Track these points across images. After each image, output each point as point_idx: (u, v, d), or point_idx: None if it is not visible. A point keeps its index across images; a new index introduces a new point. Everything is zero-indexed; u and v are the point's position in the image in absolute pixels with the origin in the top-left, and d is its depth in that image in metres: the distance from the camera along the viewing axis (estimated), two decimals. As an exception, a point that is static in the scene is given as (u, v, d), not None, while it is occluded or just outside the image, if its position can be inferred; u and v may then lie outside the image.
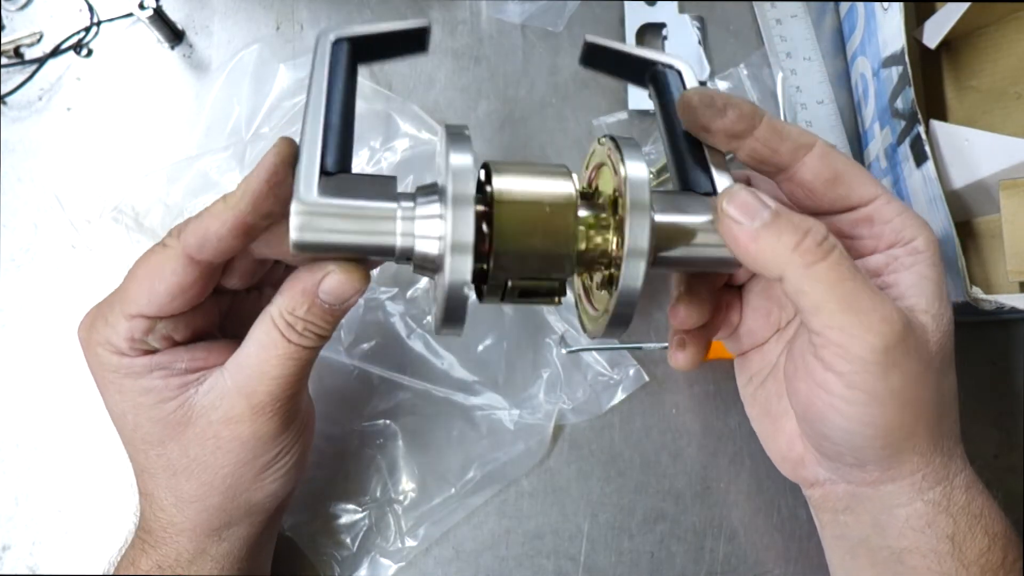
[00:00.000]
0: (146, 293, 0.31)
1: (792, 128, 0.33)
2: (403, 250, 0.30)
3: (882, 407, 0.29)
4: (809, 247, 0.28)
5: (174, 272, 0.31)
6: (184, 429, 0.33)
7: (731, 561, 0.44)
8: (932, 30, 0.46)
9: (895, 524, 0.32)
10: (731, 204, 0.30)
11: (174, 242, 0.31)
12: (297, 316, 0.31)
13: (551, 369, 0.46)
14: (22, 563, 0.44)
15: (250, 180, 0.30)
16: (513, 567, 0.44)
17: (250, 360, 0.32)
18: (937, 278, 0.32)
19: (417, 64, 0.51)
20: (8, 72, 0.50)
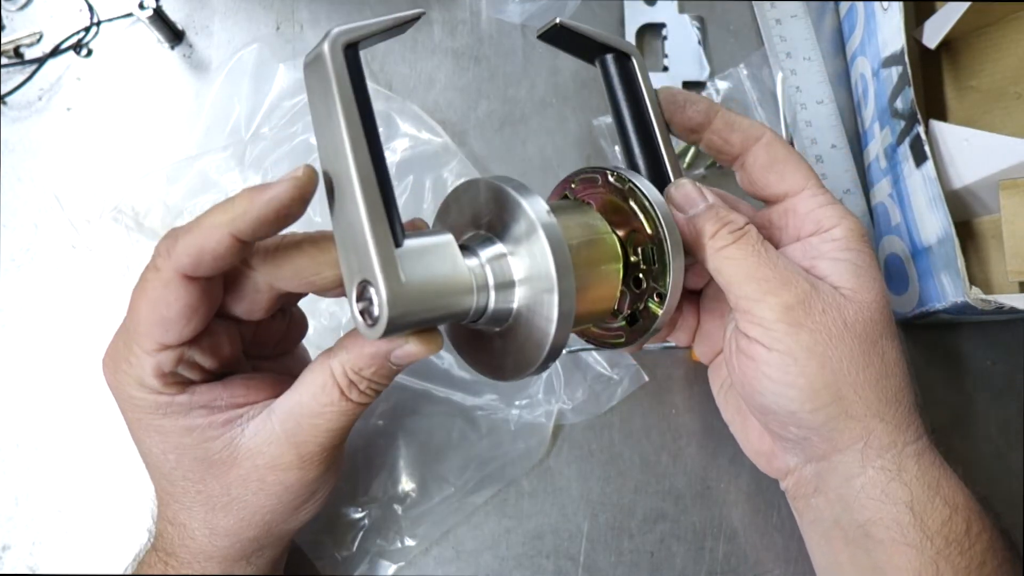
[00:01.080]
0: (158, 324, 0.30)
1: (744, 120, 0.37)
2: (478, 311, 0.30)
3: (798, 363, 0.32)
4: (723, 233, 0.33)
5: (178, 297, 0.29)
6: (228, 469, 0.32)
7: (731, 561, 0.44)
8: (932, 30, 0.46)
9: (854, 495, 0.34)
10: (676, 193, 0.35)
11: (165, 263, 0.29)
12: (362, 376, 0.31)
13: (551, 369, 0.46)
14: (22, 563, 0.44)
15: (256, 201, 0.28)
16: (513, 567, 0.44)
17: (303, 411, 0.31)
18: (854, 260, 0.34)
19: (417, 64, 0.51)
20: (8, 72, 0.50)
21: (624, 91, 0.38)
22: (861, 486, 0.34)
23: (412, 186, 0.48)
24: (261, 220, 0.28)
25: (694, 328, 0.41)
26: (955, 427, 0.46)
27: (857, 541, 0.34)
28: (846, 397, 0.33)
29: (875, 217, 0.49)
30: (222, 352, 0.33)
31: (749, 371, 0.34)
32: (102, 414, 0.46)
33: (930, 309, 0.42)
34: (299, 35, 0.52)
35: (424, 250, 0.29)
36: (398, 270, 0.27)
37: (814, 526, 0.37)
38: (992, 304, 0.38)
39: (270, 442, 0.32)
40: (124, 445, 0.45)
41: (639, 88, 0.38)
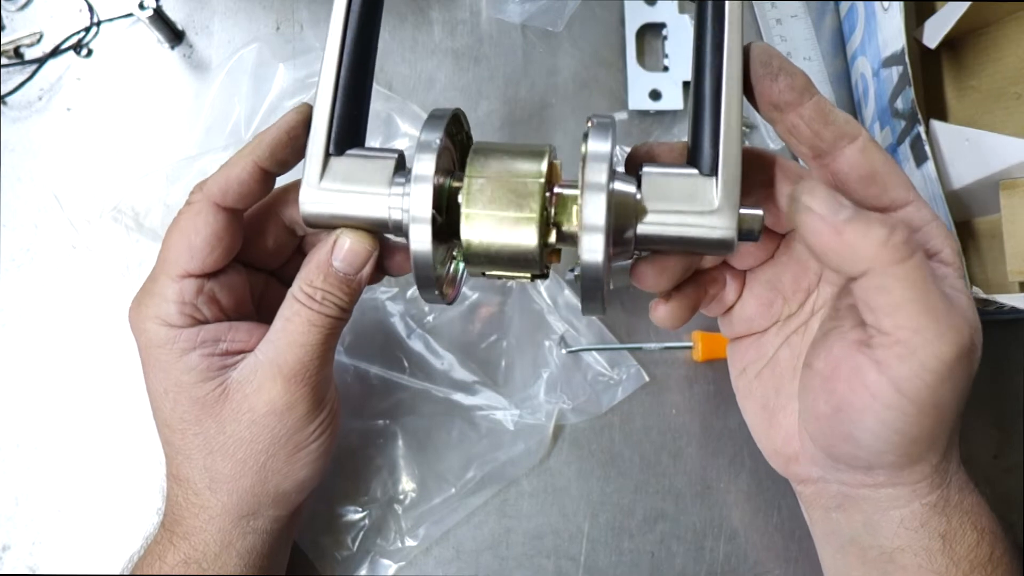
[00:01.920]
0: (186, 250, 0.33)
1: (840, 114, 0.31)
2: (394, 223, 0.33)
3: (921, 417, 0.29)
4: (897, 244, 0.27)
5: (207, 223, 0.33)
6: (222, 406, 0.34)
7: (731, 561, 0.44)
8: (932, 30, 0.46)
9: (889, 524, 0.32)
10: (813, 198, 0.28)
11: (198, 196, 0.34)
12: (316, 287, 0.33)
13: (551, 369, 0.46)
14: (22, 563, 0.44)
15: (269, 131, 0.33)
16: (513, 567, 0.44)
17: (277, 334, 0.34)
18: (963, 288, 0.31)
19: (417, 64, 0.51)
20: (8, 72, 0.50)
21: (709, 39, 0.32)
22: (900, 519, 0.32)
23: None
24: (276, 143, 0.33)
25: (731, 303, 0.37)
26: (955, 427, 0.46)
27: (875, 563, 0.33)
28: (937, 446, 0.31)
29: (875, 217, 0.49)
30: (238, 293, 0.36)
31: (857, 402, 0.30)
32: (102, 414, 0.46)
33: (930, 309, 0.42)
34: (299, 35, 0.52)
35: (358, 162, 0.33)
36: (319, 173, 0.32)
37: (828, 537, 0.36)
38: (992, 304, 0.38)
39: (255, 369, 0.34)
40: (124, 445, 0.45)
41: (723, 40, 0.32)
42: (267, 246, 0.38)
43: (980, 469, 0.46)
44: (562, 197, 0.32)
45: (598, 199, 0.29)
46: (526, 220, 0.31)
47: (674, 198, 0.31)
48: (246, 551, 0.36)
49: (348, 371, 0.46)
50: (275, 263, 0.39)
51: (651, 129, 0.51)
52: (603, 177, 0.29)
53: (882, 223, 0.27)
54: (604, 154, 0.30)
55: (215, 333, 0.34)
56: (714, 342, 0.46)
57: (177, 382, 0.34)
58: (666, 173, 0.32)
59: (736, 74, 0.31)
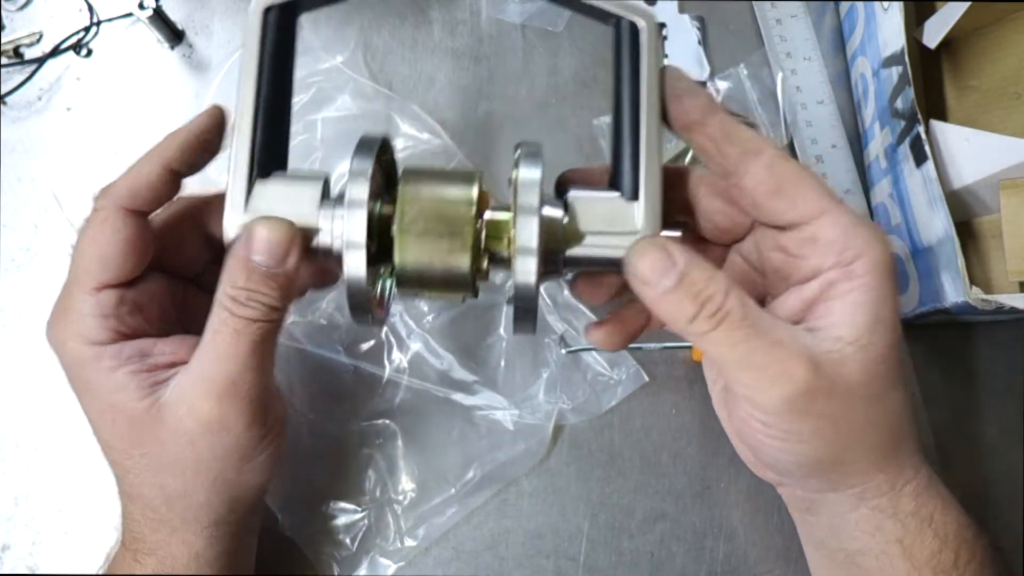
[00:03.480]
0: (98, 260, 0.32)
1: (744, 132, 0.32)
2: (324, 248, 0.32)
3: (804, 444, 0.31)
4: (703, 318, 0.29)
5: (117, 229, 0.32)
6: (160, 426, 0.32)
7: (731, 561, 0.44)
8: (932, 30, 0.46)
9: (847, 527, 0.33)
10: (640, 264, 0.30)
11: (105, 202, 0.32)
12: (239, 288, 0.31)
13: (551, 369, 0.46)
14: (22, 563, 0.44)
15: (179, 133, 0.33)
16: (513, 567, 0.44)
17: (205, 347, 0.31)
18: (873, 303, 0.30)
19: (417, 64, 0.51)
20: (8, 72, 0.50)
21: (626, 66, 0.34)
22: (855, 521, 0.33)
23: (412, 186, 0.48)
24: (185, 145, 0.33)
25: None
26: (955, 427, 0.46)
27: (843, 564, 0.35)
28: (846, 461, 0.32)
29: (875, 217, 0.49)
30: (159, 301, 0.34)
31: (746, 432, 0.32)
32: (102, 414, 0.46)
33: (930, 309, 0.42)
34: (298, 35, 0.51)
35: (283, 187, 0.32)
36: (244, 199, 0.32)
37: (807, 537, 0.38)
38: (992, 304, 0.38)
39: (185, 388, 0.31)
40: (124, 445, 0.45)
41: (639, 66, 0.33)
42: (185, 253, 0.36)
43: (980, 469, 0.46)
44: (493, 222, 0.33)
45: (531, 224, 0.30)
46: (459, 247, 0.32)
47: (599, 221, 0.32)
48: (214, 557, 0.35)
49: (348, 371, 0.46)
50: (194, 270, 0.37)
51: (651, 129, 0.51)
52: (535, 201, 0.30)
53: (692, 299, 0.29)
54: (535, 180, 0.31)
55: (141, 347, 0.32)
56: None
57: (111, 403, 0.32)
58: (591, 198, 0.33)
59: (654, 100, 0.33)
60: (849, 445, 0.31)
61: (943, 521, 0.33)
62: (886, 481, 0.33)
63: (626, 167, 0.33)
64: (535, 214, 0.30)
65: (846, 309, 0.30)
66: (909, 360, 0.47)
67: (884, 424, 0.32)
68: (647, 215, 0.32)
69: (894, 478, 0.33)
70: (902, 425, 0.33)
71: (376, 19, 0.52)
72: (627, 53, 0.34)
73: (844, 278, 0.30)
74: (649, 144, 0.32)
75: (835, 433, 0.30)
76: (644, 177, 0.32)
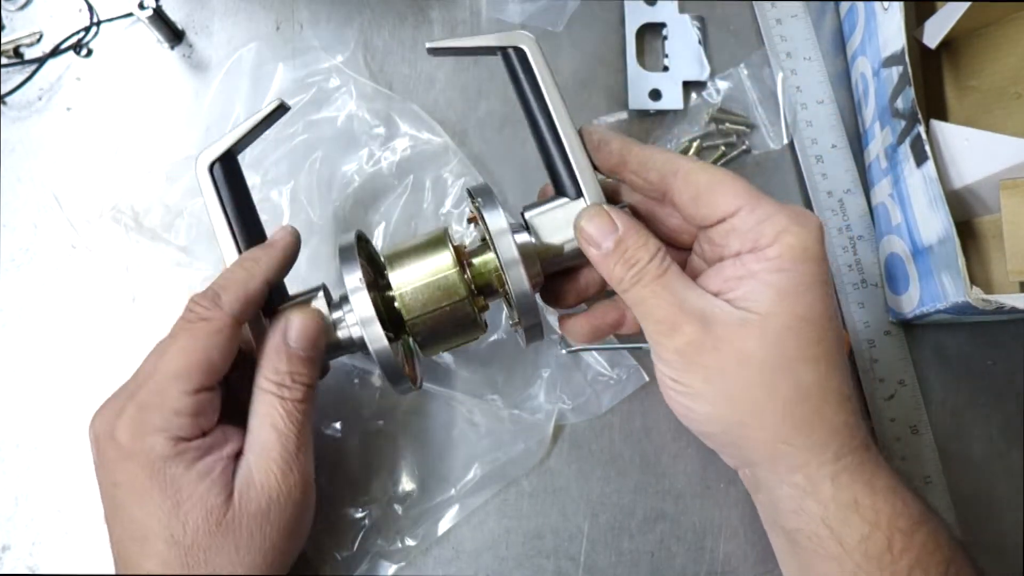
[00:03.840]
0: (206, 365, 0.34)
1: (658, 156, 0.37)
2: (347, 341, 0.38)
3: (698, 397, 0.34)
4: (628, 277, 0.35)
5: (228, 338, 0.35)
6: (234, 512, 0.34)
7: (731, 561, 0.44)
8: (932, 30, 0.46)
9: (780, 506, 0.35)
10: (588, 227, 0.36)
11: (215, 312, 0.35)
12: (281, 372, 0.36)
13: (551, 369, 0.46)
14: (22, 563, 0.44)
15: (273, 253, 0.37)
16: (513, 567, 0.44)
17: (258, 431, 0.35)
18: (781, 282, 0.34)
19: (417, 64, 0.51)
20: (8, 72, 0.50)
21: (527, 85, 0.39)
22: (784, 499, 0.35)
23: (412, 185, 0.48)
24: (282, 264, 0.37)
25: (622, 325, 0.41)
26: (955, 427, 0.46)
27: (789, 545, 0.36)
28: (747, 424, 0.34)
29: (876, 217, 0.49)
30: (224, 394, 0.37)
31: (664, 392, 0.36)
32: (102, 414, 0.46)
33: (931, 309, 0.42)
34: (299, 35, 0.52)
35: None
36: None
37: (763, 519, 0.39)
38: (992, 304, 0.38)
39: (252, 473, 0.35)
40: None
41: (538, 81, 0.38)
42: None
43: (980, 469, 0.46)
44: (475, 267, 0.38)
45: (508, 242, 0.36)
46: (459, 303, 0.37)
47: (560, 228, 0.38)
48: None
49: (350, 372, 0.46)
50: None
51: (651, 129, 0.51)
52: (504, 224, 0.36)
53: (620, 260, 0.35)
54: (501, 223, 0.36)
55: (209, 443, 0.35)
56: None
57: (190, 495, 0.33)
58: (546, 210, 0.38)
59: (561, 105, 0.38)
60: (747, 409, 0.34)
61: (872, 507, 0.33)
62: (795, 456, 0.34)
63: (562, 172, 0.38)
64: (508, 234, 0.36)
65: (755, 286, 0.34)
66: (909, 359, 0.47)
67: (787, 395, 0.33)
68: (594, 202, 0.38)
69: (807, 457, 0.34)
70: (813, 398, 0.34)
71: (376, 19, 0.52)
72: (523, 75, 0.39)
73: (756, 260, 0.34)
74: (571, 144, 0.38)
75: (727, 391, 0.34)
76: (579, 174, 0.38)
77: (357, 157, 0.49)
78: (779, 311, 0.33)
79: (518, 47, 0.39)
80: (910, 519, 0.33)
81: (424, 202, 0.48)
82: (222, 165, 0.39)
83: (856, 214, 0.49)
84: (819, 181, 0.50)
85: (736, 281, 0.35)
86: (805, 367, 0.34)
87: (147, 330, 0.46)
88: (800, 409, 0.34)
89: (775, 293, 0.34)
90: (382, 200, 0.48)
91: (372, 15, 0.52)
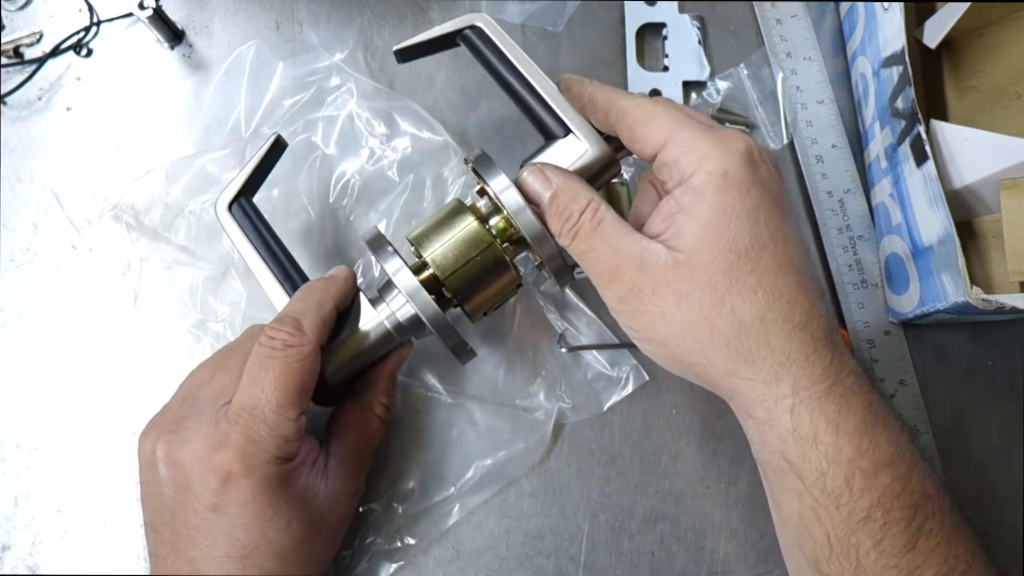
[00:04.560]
0: (304, 390, 0.36)
1: (602, 96, 0.38)
2: (396, 326, 0.40)
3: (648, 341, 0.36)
4: (564, 231, 0.36)
5: (316, 362, 0.36)
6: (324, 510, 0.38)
7: (731, 561, 0.44)
8: (932, 30, 0.46)
9: (749, 437, 0.36)
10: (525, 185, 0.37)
11: (300, 338, 0.36)
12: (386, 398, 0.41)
13: (551, 367, 0.46)
14: (22, 563, 0.44)
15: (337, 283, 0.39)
16: (513, 567, 0.44)
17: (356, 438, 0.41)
18: (703, 214, 0.33)
19: (417, 64, 0.51)
20: (8, 72, 0.50)
21: (493, 55, 0.42)
22: (750, 431, 0.36)
23: (412, 184, 0.48)
24: (345, 294, 0.39)
25: None
26: (955, 427, 0.46)
27: (764, 477, 0.37)
28: (696, 362, 0.35)
29: (876, 217, 0.49)
30: None
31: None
32: (102, 414, 0.46)
33: (931, 309, 0.42)
34: (299, 34, 0.52)
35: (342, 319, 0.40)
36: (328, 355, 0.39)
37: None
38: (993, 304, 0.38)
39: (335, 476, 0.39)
40: (124, 444, 0.45)
41: (500, 48, 0.41)
42: None
43: (980, 469, 0.46)
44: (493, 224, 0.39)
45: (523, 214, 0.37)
46: (488, 249, 0.38)
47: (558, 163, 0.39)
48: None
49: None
50: None
51: (651, 129, 0.51)
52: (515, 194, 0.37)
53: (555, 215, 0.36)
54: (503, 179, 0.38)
55: (305, 454, 0.37)
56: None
57: (301, 507, 0.36)
58: (538, 154, 0.40)
59: (527, 61, 0.41)
60: (695, 348, 0.34)
61: (833, 444, 0.32)
62: (750, 389, 0.34)
63: (545, 118, 0.40)
64: (511, 187, 0.37)
65: (684, 221, 0.34)
66: (909, 359, 0.47)
67: (727, 329, 0.33)
68: (583, 132, 0.39)
69: (762, 390, 0.33)
70: (754, 333, 0.33)
71: (376, 19, 0.52)
72: (486, 47, 0.42)
73: (684, 192, 0.34)
74: (545, 88, 0.40)
75: (672, 333, 0.34)
76: (560, 112, 0.40)
77: (357, 156, 0.49)
78: (705, 246, 0.33)
79: (474, 25, 0.42)
80: (875, 460, 0.32)
81: (424, 201, 0.48)
82: (240, 206, 0.42)
83: (856, 214, 0.49)
84: (819, 181, 0.50)
85: (671, 218, 0.34)
86: (741, 299, 0.33)
87: (148, 330, 0.46)
88: (743, 342, 0.33)
89: (700, 226, 0.33)
90: (383, 199, 0.48)
91: (372, 15, 0.52)
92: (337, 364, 0.39)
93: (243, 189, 0.42)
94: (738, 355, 0.33)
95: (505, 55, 0.41)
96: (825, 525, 0.32)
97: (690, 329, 0.34)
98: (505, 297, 0.41)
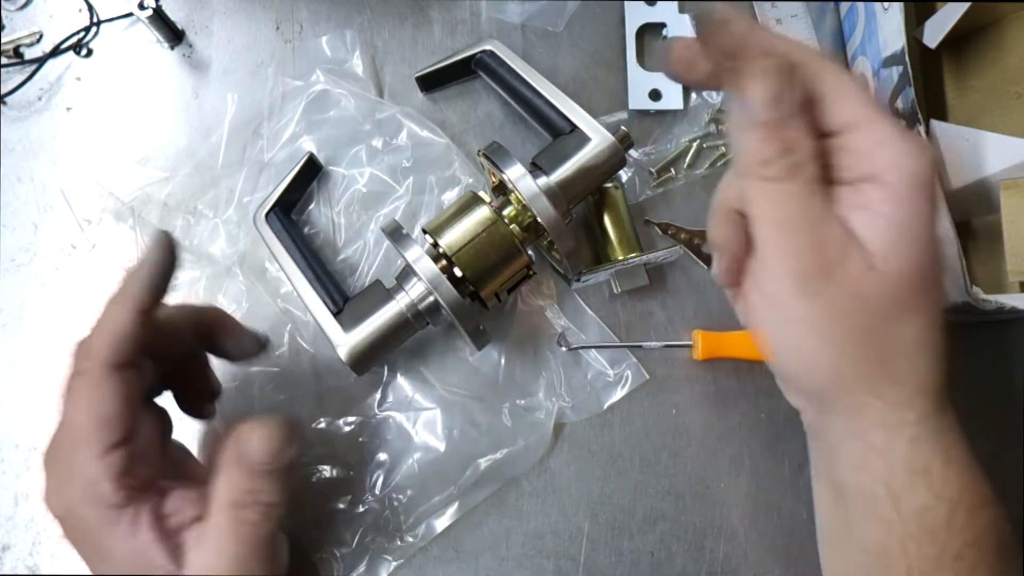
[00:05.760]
0: (99, 424, 0.31)
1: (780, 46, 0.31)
2: (414, 314, 0.41)
3: (800, 334, 0.31)
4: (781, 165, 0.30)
5: (110, 390, 0.31)
6: None
7: (731, 561, 0.44)
8: (932, 30, 0.46)
9: (840, 458, 0.33)
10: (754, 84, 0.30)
11: (89, 364, 0.31)
12: (243, 490, 0.32)
13: (551, 367, 0.46)
14: (22, 563, 0.44)
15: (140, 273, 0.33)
16: (513, 567, 0.44)
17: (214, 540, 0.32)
18: (900, 217, 0.30)
19: (417, 64, 0.51)
20: (8, 72, 0.50)
21: (507, 74, 0.46)
22: (847, 453, 0.33)
23: (413, 187, 0.48)
24: (150, 285, 0.33)
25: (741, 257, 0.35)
26: (955, 427, 0.46)
27: (835, 499, 0.34)
28: (843, 373, 0.31)
29: (875, 217, 0.49)
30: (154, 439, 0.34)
31: (752, 319, 0.33)
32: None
33: (930, 309, 0.42)
34: (299, 35, 0.52)
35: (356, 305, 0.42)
36: (340, 330, 0.41)
37: (813, 467, 0.37)
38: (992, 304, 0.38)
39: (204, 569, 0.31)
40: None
41: (510, 65, 0.46)
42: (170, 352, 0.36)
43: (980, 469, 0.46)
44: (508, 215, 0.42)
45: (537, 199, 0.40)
46: (493, 226, 0.41)
47: (569, 158, 0.43)
48: None
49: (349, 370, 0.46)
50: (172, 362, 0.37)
51: (651, 129, 0.51)
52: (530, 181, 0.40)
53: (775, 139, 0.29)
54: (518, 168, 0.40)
55: (155, 509, 0.32)
56: (714, 341, 0.46)
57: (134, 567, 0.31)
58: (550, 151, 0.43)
59: (536, 74, 0.46)
60: (846, 354, 0.31)
61: (944, 477, 0.31)
62: (879, 411, 0.31)
63: (554, 119, 0.44)
64: (526, 176, 0.40)
65: (869, 220, 0.30)
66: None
67: (887, 345, 0.31)
68: (590, 128, 0.43)
69: (889, 413, 0.31)
70: (911, 355, 0.31)
71: (376, 19, 0.52)
72: (498, 67, 0.47)
73: (876, 189, 0.30)
74: (556, 96, 0.45)
75: (831, 331, 0.30)
76: (569, 114, 0.44)
77: (358, 158, 0.49)
78: (897, 253, 0.30)
79: (486, 49, 0.47)
80: (976, 499, 0.31)
81: (425, 203, 0.48)
82: (277, 216, 0.44)
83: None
84: (819, 181, 0.50)
85: (855, 211, 0.30)
86: (913, 319, 0.31)
87: (147, 330, 0.46)
88: (897, 363, 0.31)
89: (893, 232, 0.30)
90: (384, 201, 0.48)
91: (372, 15, 0.52)
92: (358, 354, 0.41)
93: (278, 202, 0.45)
94: (884, 375, 0.31)
95: (514, 70, 0.46)
96: (911, 558, 0.31)
97: (852, 333, 0.30)
98: (516, 279, 0.42)
